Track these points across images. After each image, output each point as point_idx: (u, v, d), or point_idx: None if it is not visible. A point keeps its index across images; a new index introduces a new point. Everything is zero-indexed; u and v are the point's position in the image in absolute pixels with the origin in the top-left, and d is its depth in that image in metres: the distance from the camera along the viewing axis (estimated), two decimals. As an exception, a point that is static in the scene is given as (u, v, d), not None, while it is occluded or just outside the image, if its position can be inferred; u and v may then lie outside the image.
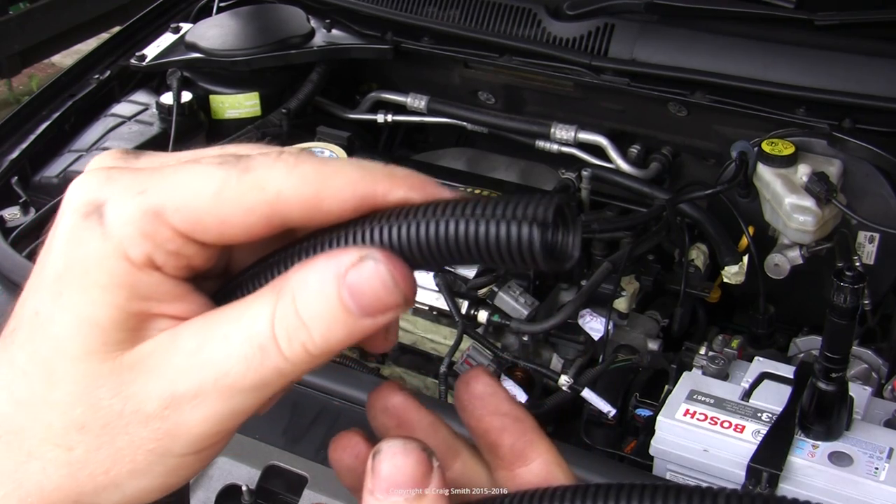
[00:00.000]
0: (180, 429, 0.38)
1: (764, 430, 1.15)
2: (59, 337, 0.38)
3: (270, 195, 0.37)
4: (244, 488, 1.14)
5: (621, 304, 1.48)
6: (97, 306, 0.37)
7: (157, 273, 0.38)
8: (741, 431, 1.16)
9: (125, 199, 0.37)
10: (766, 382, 1.23)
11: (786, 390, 1.19)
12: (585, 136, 1.68)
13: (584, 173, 1.62)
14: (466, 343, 1.42)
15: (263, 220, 0.37)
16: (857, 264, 1.38)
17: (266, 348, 0.37)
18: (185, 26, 1.91)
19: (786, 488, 1.10)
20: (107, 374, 0.38)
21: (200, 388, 0.37)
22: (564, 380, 1.38)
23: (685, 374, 1.28)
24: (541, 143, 1.72)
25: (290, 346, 0.37)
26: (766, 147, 1.45)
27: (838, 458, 1.10)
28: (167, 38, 1.89)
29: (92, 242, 0.37)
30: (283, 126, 1.75)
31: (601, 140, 1.67)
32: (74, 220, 0.38)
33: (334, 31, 1.87)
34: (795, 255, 1.43)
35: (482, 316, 1.45)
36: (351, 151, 1.71)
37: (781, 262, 1.43)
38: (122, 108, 1.79)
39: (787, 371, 1.24)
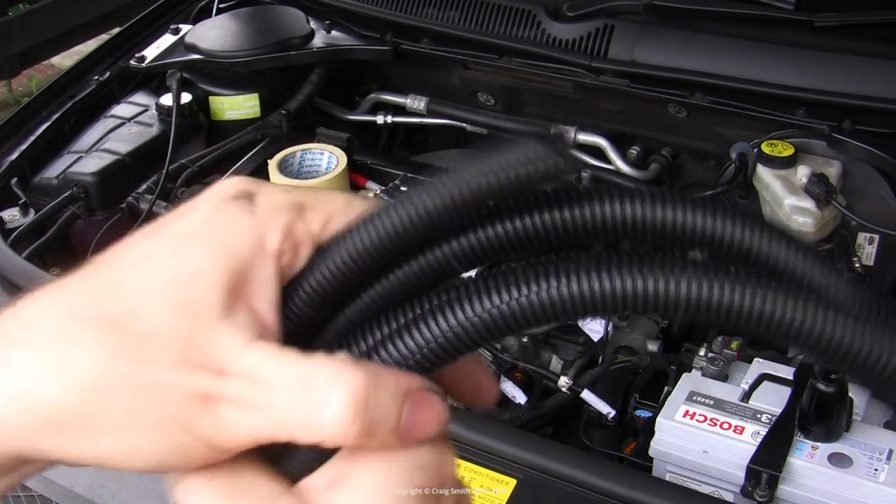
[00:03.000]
0: (217, 414, 0.38)
1: (763, 431, 1.15)
2: (159, 272, 0.38)
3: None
4: (244, 490, 1.14)
5: (621, 305, 1.48)
6: (216, 266, 0.38)
7: (272, 265, 0.39)
8: (741, 433, 1.16)
9: (275, 192, 0.41)
10: (765, 384, 1.23)
11: (785, 391, 1.19)
12: (585, 138, 1.68)
13: (584, 174, 1.62)
14: (466, 344, 1.41)
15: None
16: (857, 265, 1.38)
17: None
18: (185, 27, 1.91)
19: (785, 489, 1.10)
20: (190, 318, 0.38)
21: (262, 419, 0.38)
22: (564, 381, 1.38)
23: (685, 375, 1.28)
24: (540, 145, 1.72)
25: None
26: (765, 148, 1.45)
27: (838, 460, 1.10)
28: (167, 40, 1.89)
29: (238, 215, 0.39)
30: (283, 127, 1.75)
31: (601, 141, 1.67)
32: (221, 199, 0.40)
33: (334, 33, 1.87)
34: (795, 257, 1.43)
35: (482, 317, 1.44)
36: (350, 153, 1.71)
37: (781, 263, 1.43)
38: (122, 110, 1.79)
39: (787, 372, 1.24)
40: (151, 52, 1.86)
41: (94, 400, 0.37)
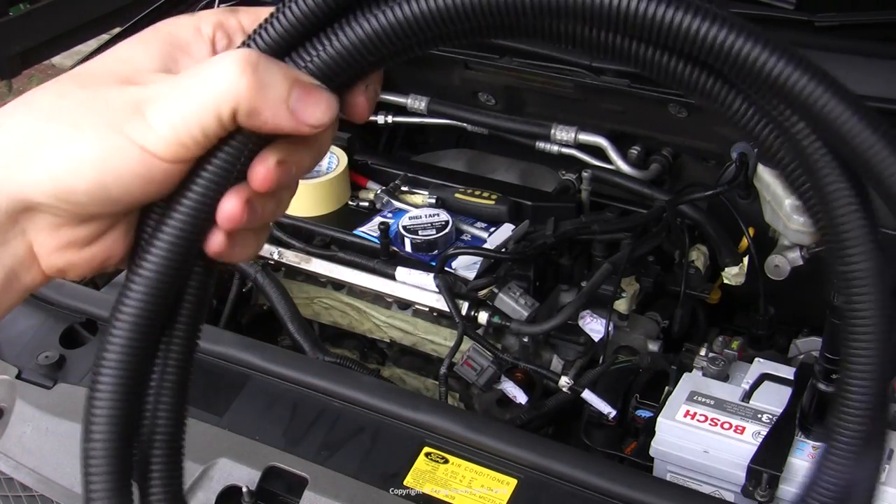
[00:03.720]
0: (146, 115, 0.46)
1: (764, 431, 1.15)
2: (114, 48, 0.51)
3: None
4: (244, 489, 1.14)
5: (621, 305, 1.48)
6: (155, 42, 0.51)
7: (207, 46, 0.51)
8: (741, 432, 1.16)
9: (214, 8, 0.54)
10: (766, 384, 1.23)
11: (786, 391, 1.20)
12: (585, 138, 1.68)
13: (585, 174, 1.62)
14: (466, 344, 1.42)
15: None
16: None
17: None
18: (186, 27, 1.91)
19: (786, 489, 1.10)
20: (130, 66, 0.49)
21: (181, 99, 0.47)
22: (565, 381, 1.38)
23: (685, 375, 1.28)
24: (541, 145, 1.72)
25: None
26: (766, 148, 1.44)
27: (838, 460, 1.10)
28: (167, 40, 1.89)
29: (179, 18, 0.52)
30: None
31: (601, 141, 1.67)
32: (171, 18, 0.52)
33: (334, 33, 1.87)
34: (795, 257, 1.43)
35: (482, 317, 1.45)
36: (351, 152, 1.71)
37: (782, 263, 1.44)
38: (123, 110, 1.79)
39: (788, 372, 1.24)
40: (152, 52, 1.86)
41: (48, 118, 0.47)
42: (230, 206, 0.48)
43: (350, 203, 1.67)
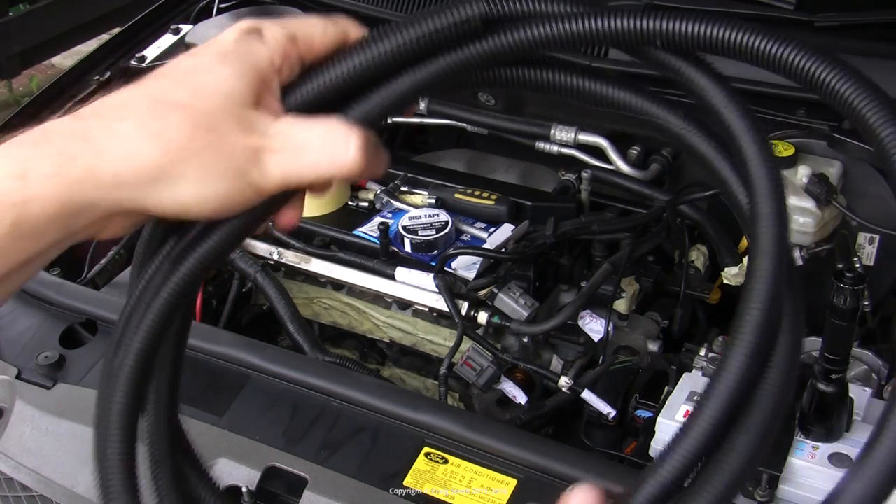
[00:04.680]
0: (263, 163, 0.54)
1: (764, 431, 1.15)
2: (212, 76, 0.55)
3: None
4: (244, 489, 1.14)
5: (621, 305, 1.48)
6: (248, 75, 0.56)
7: (277, 77, 0.58)
8: (741, 433, 1.16)
9: (274, 27, 0.58)
10: (766, 384, 1.23)
11: (786, 391, 1.19)
12: (585, 138, 1.68)
13: (584, 175, 1.62)
14: (466, 344, 1.42)
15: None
16: (857, 266, 1.38)
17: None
18: (186, 27, 1.91)
19: (786, 489, 1.10)
20: (238, 105, 0.55)
21: (295, 154, 0.56)
22: (564, 381, 1.38)
23: (685, 375, 1.28)
24: (541, 145, 1.72)
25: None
26: (766, 148, 1.44)
27: (838, 460, 1.10)
28: (167, 40, 1.89)
29: (256, 45, 0.57)
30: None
31: (601, 141, 1.67)
32: (239, 33, 0.57)
33: (334, 33, 1.86)
34: (795, 257, 1.43)
35: (482, 317, 1.45)
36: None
37: (781, 263, 1.43)
38: (123, 110, 1.78)
39: (787, 372, 1.24)
40: (152, 52, 1.86)
41: (182, 157, 0.52)
42: (291, 217, 0.60)
43: (350, 203, 1.67)
